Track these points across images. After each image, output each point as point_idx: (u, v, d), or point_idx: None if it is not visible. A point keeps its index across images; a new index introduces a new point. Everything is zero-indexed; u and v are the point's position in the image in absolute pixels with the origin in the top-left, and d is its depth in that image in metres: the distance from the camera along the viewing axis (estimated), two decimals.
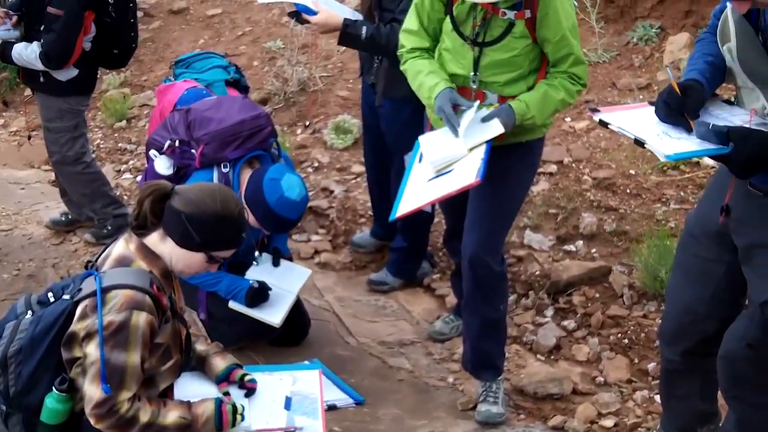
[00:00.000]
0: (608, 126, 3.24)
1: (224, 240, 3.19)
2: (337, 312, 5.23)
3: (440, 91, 3.86)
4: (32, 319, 3.12)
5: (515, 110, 3.82)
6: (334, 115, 7.21)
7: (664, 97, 3.15)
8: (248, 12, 9.18)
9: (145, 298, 3.02)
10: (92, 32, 5.32)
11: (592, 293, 5.11)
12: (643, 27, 7.14)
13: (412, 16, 4.06)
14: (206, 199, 3.13)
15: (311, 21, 4.65)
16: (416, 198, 3.83)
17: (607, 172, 5.85)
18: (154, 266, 3.15)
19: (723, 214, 3.29)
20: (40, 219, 6.34)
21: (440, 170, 3.81)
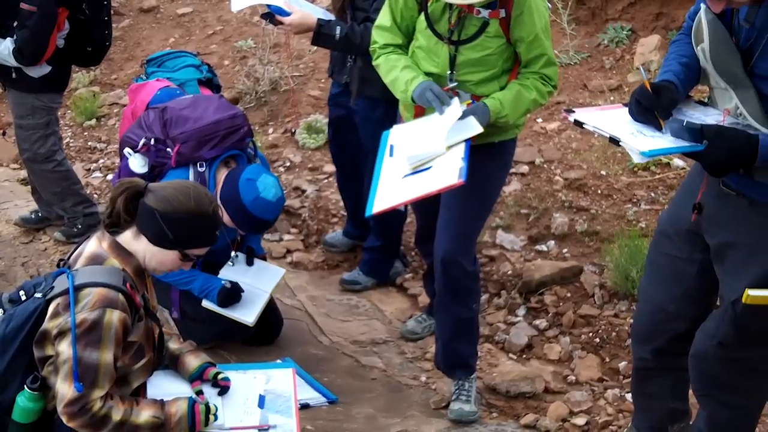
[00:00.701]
0: (583, 126, 3.26)
1: (198, 238, 3.19)
2: (310, 311, 5.23)
3: (419, 83, 3.87)
4: (4, 317, 3.10)
5: (490, 108, 3.83)
6: (306, 114, 7.21)
7: (637, 96, 3.17)
8: (219, 11, 9.14)
9: (118, 296, 3.01)
10: (66, 29, 5.28)
11: (563, 293, 5.14)
12: (614, 29, 7.19)
13: (386, 12, 4.06)
14: (180, 196, 3.12)
15: (285, 22, 4.64)
16: (392, 195, 3.80)
17: (579, 172, 5.89)
18: (127, 264, 3.14)
19: (695, 212, 3.32)
20: (9, 217, 6.28)
21: (416, 167, 3.80)
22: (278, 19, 4.65)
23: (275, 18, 4.66)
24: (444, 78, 3.93)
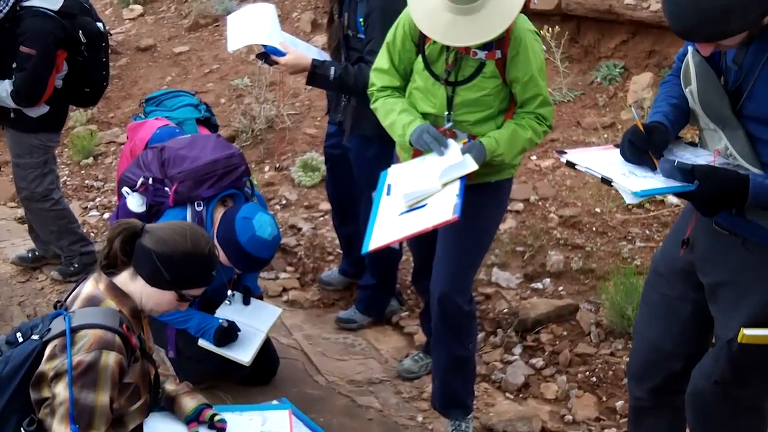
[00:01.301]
0: (575, 167, 3.27)
1: (194, 278, 3.20)
2: (306, 350, 5.21)
3: (416, 127, 3.89)
4: (1, 359, 3.10)
5: (486, 146, 3.85)
6: (301, 152, 7.24)
7: (629, 136, 3.19)
8: (215, 50, 9.22)
9: (115, 337, 3.01)
10: (64, 70, 5.31)
11: (559, 331, 5.14)
12: (606, 67, 7.26)
13: (384, 55, 4.09)
14: (177, 237, 3.13)
15: (280, 62, 4.67)
16: (389, 232, 3.80)
17: (573, 210, 5.91)
18: (123, 306, 3.14)
19: (684, 247, 3.33)
20: (6, 256, 6.29)
21: (412, 205, 3.82)
22: (273, 59, 4.68)
23: (270, 58, 4.69)
24: (441, 118, 3.96)
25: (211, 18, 9.83)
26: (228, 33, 4.80)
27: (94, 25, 5.33)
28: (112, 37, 9.80)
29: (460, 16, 3.64)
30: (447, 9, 3.64)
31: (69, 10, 5.18)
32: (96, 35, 5.33)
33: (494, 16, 3.65)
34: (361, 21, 4.55)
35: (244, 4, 9.75)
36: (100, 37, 5.37)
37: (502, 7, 3.66)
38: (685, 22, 2.77)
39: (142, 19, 10.58)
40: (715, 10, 2.69)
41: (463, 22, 3.64)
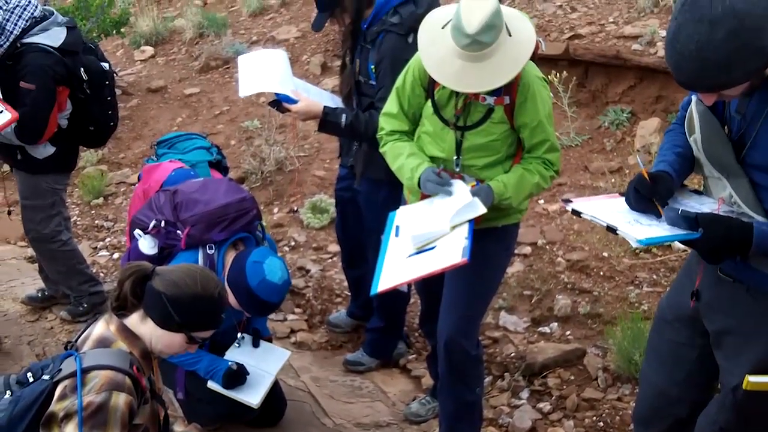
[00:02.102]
0: (581, 215, 3.31)
1: (204, 321, 3.23)
2: (313, 392, 5.21)
3: (424, 170, 3.94)
4: (11, 399, 3.12)
5: (494, 190, 3.89)
6: (310, 194, 7.29)
7: (635, 185, 3.22)
8: (226, 92, 9.30)
9: (125, 379, 3.04)
10: (68, 109, 5.32)
11: (567, 375, 5.15)
12: (614, 111, 7.31)
13: (393, 99, 4.15)
14: (187, 280, 3.17)
15: (292, 110, 4.72)
16: (397, 274, 3.82)
17: (581, 254, 5.94)
18: (134, 347, 3.17)
19: (693, 299, 3.35)
20: (16, 295, 6.30)
21: (421, 247, 3.84)
22: (285, 107, 4.74)
23: (282, 105, 4.74)
24: (450, 162, 4.00)
25: (221, 60, 9.93)
26: (239, 76, 4.85)
27: (96, 63, 5.34)
28: (123, 78, 9.98)
29: (471, 63, 3.67)
30: (458, 56, 3.68)
31: (70, 47, 5.20)
32: (98, 73, 5.34)
33: (504, 63, 3.69)
34: (372, 68, 4.61)
35: (254, 47, 9.91)
36: (102, 75, 5.36)
37: (511, 54, 3.70)
38: (688, 72, 2.80)
39: (153, 60, 10.69)
40: (718, 61, 2.71)
41: (474, 69, 3.68)
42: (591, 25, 7.62)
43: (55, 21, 5.21)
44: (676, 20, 2.78)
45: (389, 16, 4.55)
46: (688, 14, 2.73)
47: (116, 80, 9.65)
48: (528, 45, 3.76)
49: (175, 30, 11.09)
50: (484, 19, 3.58)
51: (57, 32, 5.18)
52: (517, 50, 3.72)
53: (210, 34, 10.54)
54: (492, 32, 3.61)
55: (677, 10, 2.79)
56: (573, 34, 7.57)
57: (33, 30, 5.12)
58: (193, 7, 11.26)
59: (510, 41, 3.70)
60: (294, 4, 10.85)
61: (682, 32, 2.75)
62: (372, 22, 4.61)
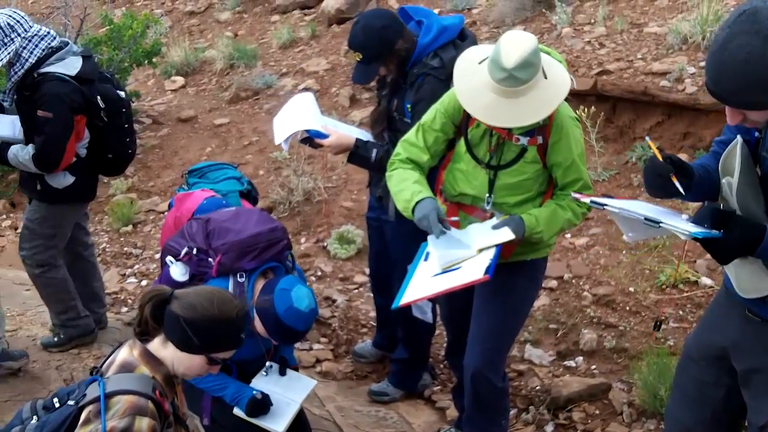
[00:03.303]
0: (604, 207, 3.25)
1: (223, 342, 3.26)
2: (338, 422, 5.22)
3: (423, 198, 3.93)
4: (37, 424, 3.15)
5: (526, 223, 3.92)
6: (337, 225, 7.33)
7: (649, 165, 3.19)
8: (255, 122, 9.39)
9: (148, 403, 3.06)
10: (86, 138, 5.32)
11: (592, 410, 5.14)
12: (641, 147, 7.32)
13: (418, 132, 4.16)
14: (204, 302, 3.20)
15: (324, 144, 4.78)
16: (421, 289, 3.88)
17: (607, 289, 5.94)
18: (156, 372, 3.20)
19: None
20: (45, 320, 6.32)
21: (447, 267, 3.88)
22: (317, 142, 4.80)
23: (314, 141, 4.81)
24: (480, 200, 4.04)
25: (251, 91, 10.03)
26: (274, 129, 4.95)
27: (113, 91, 5.33)
28: (154, 107, 10.10)
29: (504, 98, 3.70)
30: (492, 89, 3.71)
31: (87, 75, 5.21)
32: (115, 101, 5.32)
33: (538, 102, 3.72)
34: (409, 107, 4.64)
35: (283, 78, 10.01)
36: (119, 102, 5.35)
37: (545, 95, 3.73)
38: (728, 83, 2.76)
39: (184, 90, 10.82)
40: (761, 78, 2.69)
41: (506, 105, 3.70)
42: (619, 61, 7.65)
43: (70, 50, 5.24)
44: (728, 29, 2.74)
45: (430, 59, 4.57)
46: (745, 25, 2.69)
47: (147, 109, 9.91)
48: (562, 88, 3.79)
49: (205, 60, 11.22)
50: (522, 55, 3.62)
51: (73, 61, 5.20)
52: (551, 92, 3.76)
53: (240, 66, 10.66)
54: (529, 70, 3.65)
55: (731, 20, 2.74)
56: (601, 70, 7.61)
57: (49, 60, 5.15)
58: (224, 39, 11.38)
59: (545, 83, 3.73)
60: (323, 36, 10.96)
61: (732, 41, 2.71)
62: (413, 63, 4.64)
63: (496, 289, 4.16)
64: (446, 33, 4.61)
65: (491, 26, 9.18)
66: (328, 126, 4.86)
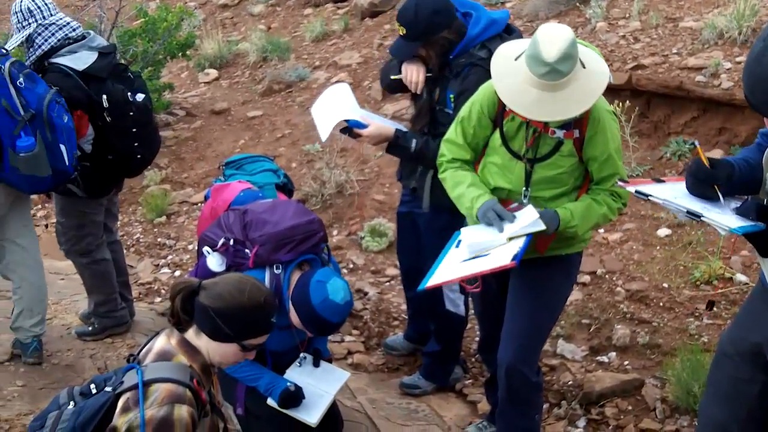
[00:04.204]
0: (648, 198, 3.24)
1: (254, 329, 3.29)
2: (370, 414, 5.23)
3: (485, 201, 3.97)
4: (74, 410, 3.18)
5: (561, 217, 3.92)
6: (369, 218, 7.35)
7: (693, 170, 3.18)
8: (288, 115, 9.42)
9: (186, 391, 3.09)
10: (89, 135, 5.27)
11: (624, 405, 5.12)
12: (676, 143, 7.28)
13: (457, 128, 4.17)
14: (232, 291, 3.23)
15: (363, 134, 4.78)
16: (448, 273, 3.92)
17: (641, 284, 5.92)
18: (194, 361, 3.23)
19: None
20: (79, 310, 6.41)
21: (477, 255, 3.91)
22: (356, 132, 4.80)
23: (353, 131, 4.81)
24: (516, 193, 4.04)
25: (284, 84, 10.06)
26: (316, 124, 4.96)
27: (121, 93, 5.24)
28: (188, 99, 10.16)
29: (547, 93, 3.70)
30: (534, 85, 3.71)
31: (95, 72, 5.18)
32: (121, 103, 5.24)
33: (578, 95, 3.72)
34: (451, 97, 4.63)
35: (316, 71, 10.03)
36: (126, 105, 5.25)
37: (587, 85, 3.73)
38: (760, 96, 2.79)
39: (217, 83, 10.87)
40: None
41: (550, 99, 3.70)
42: (654, 56, 7.61)
43: (87, 45, 5.23)
44: (763, 42, 2.75)
45: (477, 50, 4.56)
46: None
47: (180, 102, 9.96)
48: (602, 77, 3.79)
49: (239, 53, 11.26)
50: (562, 47, 3.62)
51: (85, 56, 5.19)
52: (591, 83, 3.75)
53: (273, 59, 10.69)
54: (569, 62, 3.65)
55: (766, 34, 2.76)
56: (636, 65, 7.57)
57: (61, 51, 5.16)
58: (257, 32, 11.42)
59: (584, 72, 3.73)
60: (356, 30, 10.97)
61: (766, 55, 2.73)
62: (459, 53, 4.64)
63: (530, 284, 4.17)
64: (494, 26, 4.61)
65: (525, 20, 9.15)
66: (365, 116, 4.86)
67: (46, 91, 4.94)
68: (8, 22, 10.18)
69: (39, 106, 4.88)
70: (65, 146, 4.98)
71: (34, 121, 4.88)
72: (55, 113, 4.91)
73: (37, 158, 4.89)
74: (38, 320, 5.48)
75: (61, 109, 4.95)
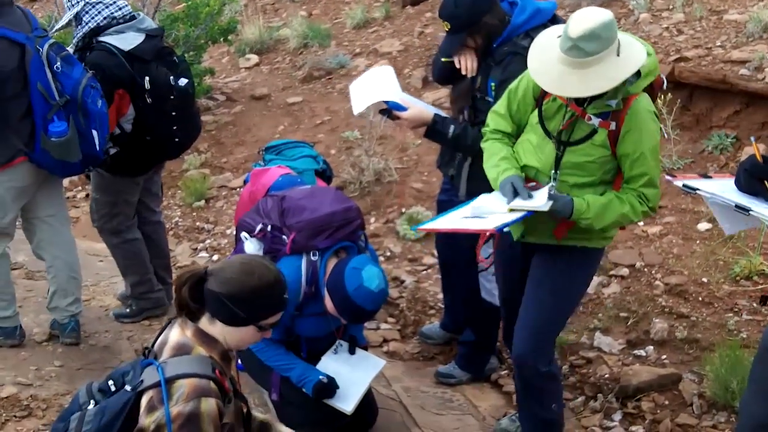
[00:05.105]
0: (696, 191, 3.21)
1: (268, 308, 3.25)
2: (404, 402, 5.23)
3: (509, 175, 3.99)
4: (96, 410, 3.14)
5: (575, 205, 3.90)
6: (407, 206, 7.34)
7: (746, 165, 3.15)
8: (327, 102, 9.42)
9: (210, 384, 3.07)
10: (130, 114, 5.32)
11: (661, 400, 5.08)
12: (718, 136, 7.20)
13: (504, 100, 4.19)
14: (241, 274, 3.19)
15: (402, 117, 4.77)
16: (443, 223, 4.09)
17: (679, 278, 5.87)
18: (212, 350, 3.20)
19: None
20: (116, 291, 6.46)
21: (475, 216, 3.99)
22: (395, 114, 4.79)
23: (392, 113, 4.79)
24: (543, 174, 4.03)
25: (324, 71, 10.06)
26: (351, 98, 4.96)
27: (165, 76, 5.29)
28: (228, 84, 10.19)
29: (570, 69, 3.71)
30: (560, 61, 3.73)
31: (140, 54, 5.23)
32: (164, 86, 5.28)
33: (606, 73, 3.70)
34: (493, 85, 4.61)
35: (356, 59, 10.02)
36: (168, 89, 5.29)
37: (610, 71, 3.70)
38: None
39: (258, 68, 10.87)
40: None
41: (572, 75, 3.71)
42: (698, 48, 7.53)
43: (135, 26, 5.27)
44: None
45: (521, 39, 4.54)
46: None
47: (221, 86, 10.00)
48: (628, 69, 3.74)
49: (280, 39, 11.26)
50: (589, 26, 3.62)
51: (131, 37, 5.24)
52: (620, 64, 3.72)
53: (314, 45, 10.69)
54: (594, 42, 3.64)
55: None
56: (679, 57, 7.49)
57: (109, 30, 5.21)
58: (298, 18, 11.42)
59: (615, 60, 3.70)
60: (397, 18, 10.94)
61: None
62: (503, 41, 4.61)
63: (546, 275, 4.19)
64: (540, 15, 4.59)
65: (567, 10, 9.05)
66: (405, 99, 4.85)
67: (82, 75, 4.98)
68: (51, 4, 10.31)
69: (74, 92, 4.93)
70: (97, 132, 5.03)
71: (68, 106, 4.94)
72: (89, 99, 4.95)
73: (68, 143, 4.94)
74: (73, 299, 5.52)
75: (96, 95, 5.00)
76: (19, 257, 6.53)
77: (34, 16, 5.16)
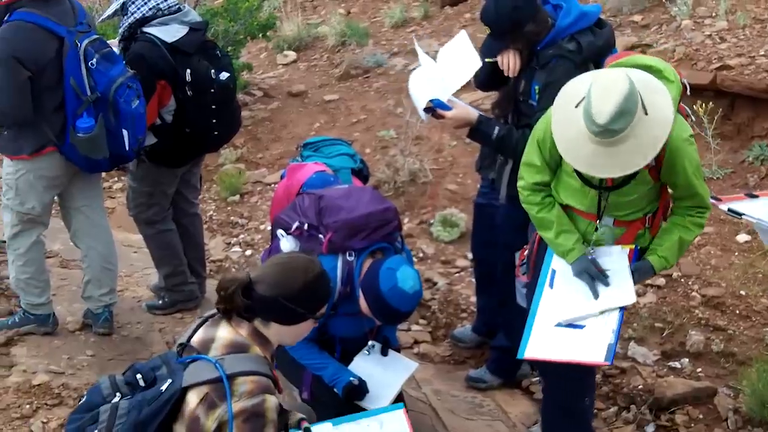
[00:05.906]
0: (742, 216, 3.18)
1: (323, 298, 3.35)
2: (434, 405, 5.20)
3: (578, 258, 3.98)
4: (133, 403, 3.10)
5: (655, 267, 3.96)
6: (442, 207, 7.30)
7: None
8: (364, 100, 9.40)
9: (269, 382, 3.11)
10: (171, 105, 5.34)
11: (695, 413, 5.03)
12: (759, 147, 7.12)
13: (534, 150, 4.09)
14: (289, 273, 3.24)
15: (447, 116, 4.73)
16: (543, 345, 3.92)
17: (717, 290, 5.80)
18: (266, 351, 3.23)
19: None
20: (149, 282, 6.47)
21: (571, 322, 3.91)
22: (440, 113, 4.75)
23: (437, 112, 4.75)
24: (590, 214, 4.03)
25: (361, 69, 10.04)
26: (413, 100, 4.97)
27: (206, 69, 5.31)
28: (265, 81, 10.19)
29: (603, 147, 3.59)
30: (590, 140, 3.60)
31: (183, 47, 5.25)
32: (204, 79, 5.30)
33: (639, 148, 3.59)
34: (536, 89, 4.56)
35: (394, 58, 10.00)
36: (208, 82, 5.31)
37: (647, 138, 3.59)
38: None
39: (295, 65, 10.87)
40: None
41: (607, 153, 3.59)
42: (741, 57, 7.43)
43: (179, 19, 5.30)
44: None
45: (566, 42, 4.50)
46: None
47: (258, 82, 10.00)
48: (665, 125, 3.62)
49: (318, 37, 11.26)
50: (615, 107, 3.49)
51: (175, 29, 5.26)
52: (651, 135, 3.59)
53: (352, 43, 10.67)
54: (624, 119, 3.51)
55: None
56: (721, 65, 7.39)
57: (153, 21, 5.22)
58: (337, 15, 11.42)
59: (646, 121, 3.58)
60: (436, 17, 10.91)
61: None
62: (547, 44, 4.56)
63: None
64: (585, 18, 4.54)
65: (608, 15, 9.00)
66: (452, 99, 4.81)
67: (120, 74, 4.99)
68: None
69: (106, 90, 4.94)
70: (128, 131, 5.03)
71: (99, 103, 4.95)
72: (122, 98, 4.96)
73: (94, 140, 4.95)
74: (108, 290, 5.53)
75: (131, 94, 5.00)
76: (55, 246, 6.56)
77: (85, 10, 5.17)
